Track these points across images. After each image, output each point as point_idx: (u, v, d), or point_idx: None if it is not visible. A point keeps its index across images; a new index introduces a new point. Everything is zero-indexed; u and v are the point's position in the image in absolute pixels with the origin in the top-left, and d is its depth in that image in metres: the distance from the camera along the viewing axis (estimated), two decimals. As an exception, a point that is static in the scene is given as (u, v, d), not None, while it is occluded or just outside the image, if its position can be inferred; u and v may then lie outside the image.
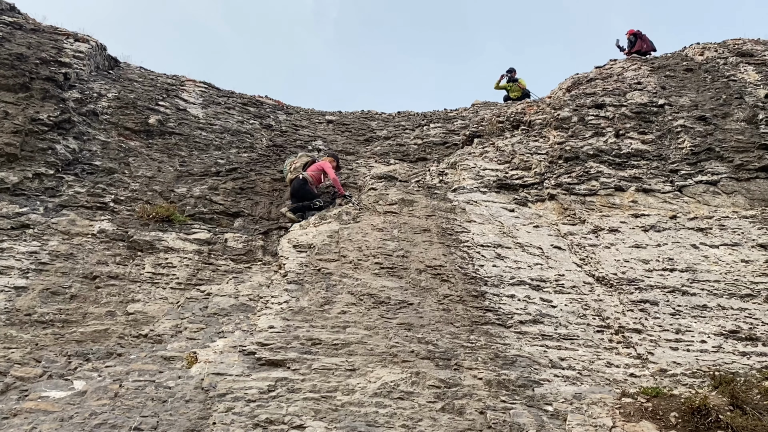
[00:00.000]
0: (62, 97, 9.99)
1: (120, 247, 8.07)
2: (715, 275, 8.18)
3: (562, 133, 10.80)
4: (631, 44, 16.73)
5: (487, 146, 10.76)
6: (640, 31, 16.80)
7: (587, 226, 9.01)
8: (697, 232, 8.98)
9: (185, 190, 9.59)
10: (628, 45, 16.83)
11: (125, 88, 11.51)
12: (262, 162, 10.76)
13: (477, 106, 14.73)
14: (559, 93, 12.62)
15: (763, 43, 14.09)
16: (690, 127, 10.67)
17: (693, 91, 11.86)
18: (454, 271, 7.63)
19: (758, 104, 11.20)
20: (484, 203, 9.29)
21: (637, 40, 16.59)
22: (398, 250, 7.89)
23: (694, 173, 9.94)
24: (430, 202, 9.15)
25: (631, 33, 16.90)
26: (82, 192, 8.83)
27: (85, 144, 9.67)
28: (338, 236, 8.16)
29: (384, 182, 9.90)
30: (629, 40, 16.85)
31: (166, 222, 8.73)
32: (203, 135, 11.04)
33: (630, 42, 16.80)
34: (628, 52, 16.46)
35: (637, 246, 8.63)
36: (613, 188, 9.71)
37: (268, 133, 11.89)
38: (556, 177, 9.94)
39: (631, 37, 16.86)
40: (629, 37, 16.90)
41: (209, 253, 8.43)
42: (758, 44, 14.02)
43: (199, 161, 10.32)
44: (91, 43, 11.78)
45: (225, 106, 12.34)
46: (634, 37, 16.73)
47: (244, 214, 9.51)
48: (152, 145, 10.35)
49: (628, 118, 11.05)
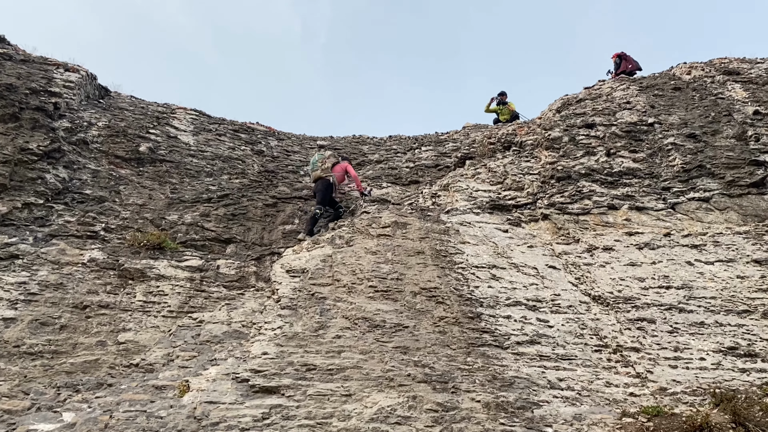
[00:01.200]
0: (52, 127, 9.96)
1: (111, 275, 7.97)
2: (712, 292, 8.14)
3: (553, 153, 10.81)
4: (617, 66, 16.88)
5: (479, 167, 10.76)
6: (624, 53, 16.96)
7: (582, 245, 8.97)
8: (692, 249, 8.95)
9: (176, 217, 9.51)
10: (614, 67, 16.97)
11: (116, 116, 11.49)
12: (253, 188, 10.71)
13: (468, 128, 14.78)
14: (549, 114, 12.67)
15: (749, 62, 14.25)
16: (680, 144, 10.72)
17: (682, 109, 11.93)
18: (449, 293, 7.56)
19: (747, 121, 11.28)
20: (478, 224, 9.25)
21: (622, 61, 16.74)
22: (392, 273, 7.82)
23: (686, 190, 9.95)
24: (424, 224, 9.10)
25: (616, 56, 17.07)
26: (72, 221, 8.75)
27: (75, 173, 9.61)
28: (331, 260, 8.08)
29: (377, 205, 9.86)
30: (615, 63, 16.99)
31: (158, 249, 8.64)
32: (194, 162, 11.00)
33: (616, 64, 16.95)
34: (615, 74, 16.58)
35: (632, 264, 8.59)
36: (606, 207, 9.70)
37: (259, 158, 11.86)
38: (548, 197, 9.93)
39: (616, 59, 17.01)
40: (614, 59, 17.05)
41: (201, 280, 8.34)
42: (744, 62, 14.18)
43: (190, 188, 10.26)
44: (81, 73, 11.78)
45: (216, 133, 12.32)
46: (619, 59, 16.89)
47: (236, 240, 9.43)
48: (143, 173, 10.29)
49: (618, 137, 11.09)
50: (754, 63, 14.12)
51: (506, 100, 17.01)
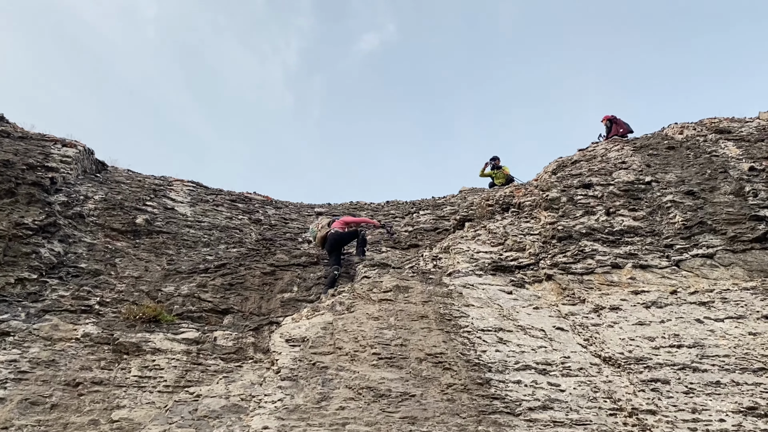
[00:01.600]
0: (48, 201, 9.90)
1: (105, 350, 7.70)
2: (725, 350, 7.90)
3: (552, 214, 10.76)
4: (608, 129, 16.99)
5: (478, 229, 10.68)
6: (614, 116, 17.08)
7: (588, 306, 8.78)
8: (700, 307, 8.77)
9: (173, 289, 9.32)
10: (605, 131, 17.09)
11: (112, 189, 11.46)
12: (251, 256, 10.57)
13: (464, 192, 14.81)
14: (545, 176, 12.72)
15: (738, 121, 14.48)
16: (679, 202, 10.69)
17: (677, 167, 11.99)
18: (456, 358, 7.30)
19: (743, 177, 11.32)
20: (481, 286, 9.07)
21: (613, 125, 16.84)
22: (396, 339, 7.58)
23: (689, 247, 9.85)
24: (426, 287, 8.92)
25: (606, 119, 17.19)
26: (66, 295, 8.56)
27: (70, 247, 9.47)
28: (332, 327, 7.86)
29: (377, 270, 9.70)
30: (606, 126, 17.10)
31: (154, 322, 8.41)
32: (191, 232, 10.89)
33: (606, 127, 17.07)
34: (606, 137, 16.66)
35: (641, 323, 8.38)
36: (610, 266, 9.56)
37: (257, 227, 11.78)
38: (551, 257, 9.80)
39: (606, 122, 17.13)
40: (605, 123, 17.16)
41: (198, 352, 8.06)
42: (734, 122, 14.40)
43: (187, 259, 10.11)
44: (78, 148, 11.84)
45: (213, 204, 12.28)
46: (610, 122, 17.00)
47: (233, 311, 9.21)
48: (139, 245, 10.16)
49: (616, 196, 11.08)
50: (743, 122, 14.34)
51: (500, 165, 17.15)
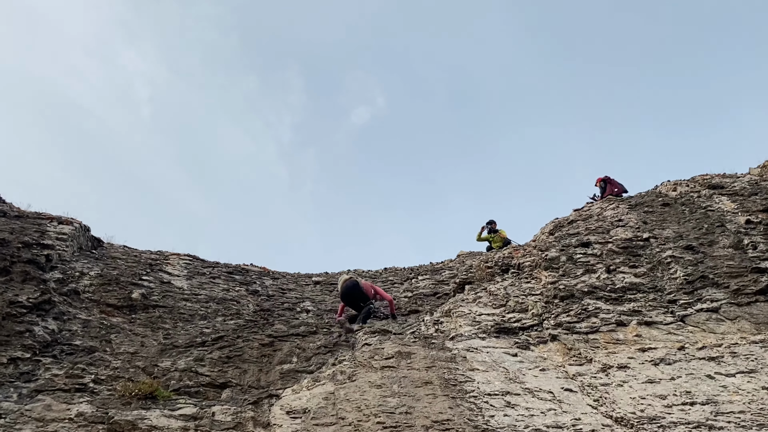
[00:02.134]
0: (43, 278, 9.81)
1: (99, 430, 7.43)
2: (739, 406, 7.67)
3: (553, 273, 10.68)
4: (602, 190, 17.01)
5: (479, 291, 10.56)
6: (608, 177, 17.13)
7: (595, 365, 8.57)
8: (710, 362, 8.57)
9: (170, 364, 9.09)
10: (600, 191, 17.11)
11: (108, 265, 11.38)
12: (249, 328, 10.37)
13: (463, 256, 14.77)
14: (543, 236, 12.71)
15: (730, 176, 14.67)
16: (679, 256, 10.65)
17: (674, 223, 12.02)
18: (464, 425, 7.05)
19: (741, 230, 11.34)
20: (485, 349, 8.88)
21: (607, 185, 16.85)
22: (401, 407, 7.34)
23: (693, 302, 9.74)
24: (429, 352, 8.72)
25: (600, 180, 17.23)
26: (60, 374, 8.33)
27: (65, 324, 9.31)
28: (334, 397, 7.62)
29: (378, 336, 9.51)
30: (600, 187, 17.13)
31: (150, 399, 8.15)
32: (188, 305, 10.74)
33: (601, 188, 17.08)
34: (601, 198, 16.66)
35: (651, 381, 8.17)
36: (615, 324, 9.41)
37: (254, 298, 11.63)
38: (554, 317, 9.65)
39: (601, 183, 17.15)
40: (599, 184, 17.20)
41: (196, 429, 7.77)
42: (725, 177, 14.58)
43: (183, 332, 9.92)
44: (74, 225, 11.84)
45: (210, 276, 12.18)
46: (604, 183, 17.00)
47: (232, 384, 8.94)
48: (135, 320, 9.99)
49: (616, 254, 11.03)
50: (735, 177, 14.52)
51: (496, 228, 17.15)
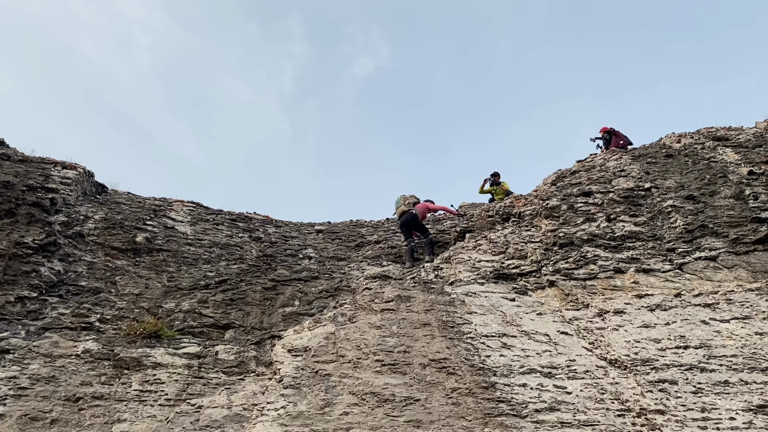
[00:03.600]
0: (48, 221, 9.90)
1: (105, 366, 7.64)
2: (732, 350, 7.82)
3: (553, 221, 10.74)
4: (606, 142, 16.79)
5: (479, 239, 10.65)
6: (613, 128, 16.91)
7: (592, 310, 8.71)
8: (705, 308, 8.69)
9: (174, 305, 9.26)
10: (603, 143, 16.94)
11: (112, 210, 11.46)
12: (252, 272, 10.52)
13: (464, 207, 14.80)
14: (545, 187, 12.72)
15: (735, 129, 14.53)
16: (680, 206, 10.68)
17: (677, 174, 12.01)
18: (460, 363, 7.22)
19: (743, 181, 11.32)
20: (484, 294, 9.01)
21: (612, 137, 16.65)
22: (399, 346, 7.50)
23: (691, 250, 9.81)
24: (428, 296, 8.86)
25: (604, 131, 16.97)
26: (67, 313, 8.50)
27: (70, 265, 9.44)
28: (335, 337, 7.78)
29: (378, 281, 9.64)
30: (604, 138, 16.89)
31: (154, 338, 8.34)
32: (192, 250, 10.86)
33: (605, 140, 16.87)
34: (605, 149, 16.51)
35: (646, 326, 8.31)
36: (613, 271, 9.51)
37: (257, 245, 11.74)
38: (553, 264, 9.75)
39: (605, 135, 16.93)
40: (603, 134, 16.98)
41: (200, 366, 7.98)
42: (731, 130, 14.45)
43: (187, 275, 10.07)
44: (78, 170, 11.86)
45: (213, 223, 12.27)
46: (609, 135, 16.80)
47: (235, 326, 9.13)
48: (139, 263, 10.12)
49: (617, 203, 11.06)
50: (740, 130, 14.39)
51: (500, 181, 17.11)
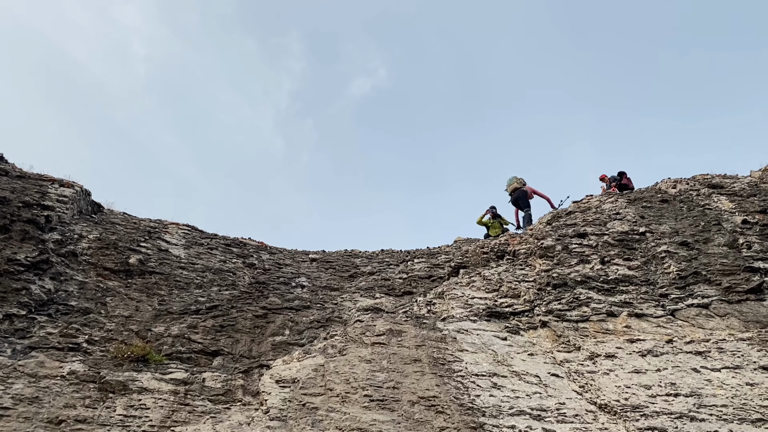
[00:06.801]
0: (42, 239, 9.86)
1: (90, 389, 7.54)
2: (722, 399, 7.78)
3: (547, 261, 10.76)
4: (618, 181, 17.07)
5: (473, 276, 10.64)
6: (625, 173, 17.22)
7: (583, 353, 8.67)
8: (696, 356, 8.67)
9: (163, 329, 9.19)
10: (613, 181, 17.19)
11: (107, 230, 11.44)
12: (243, 299, 10.47)
13: (460, 242, 14.83)
14: (540, 226, 12.78)
15: (730, 177, 14.71)
16: (674, 252, 10.72)
17: (671, 219, 12.08)
18: (449, 402, 7.15)
19: (737, 230, 11.40)
20: (475, 332, 8.97)
21: (623, 177, 16.99)
22: (388, 382, 7.44)
23: (684, 297, 9.83)
24: (420, 332, 8.82)
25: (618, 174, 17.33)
26: (54, 333, 8.42)
27: (61, 284, 9.39)
28: (324, 369, 7.72)
29: (370, 314, 9.60)
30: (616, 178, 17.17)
31: (142, 362, 8.26)
32: (184, 274, 10.82)
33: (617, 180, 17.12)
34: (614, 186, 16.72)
35: (637, 371, 8.27)
36: (605, 314, 9.50)
37: (250, 271, 11.71)
38: (546, 304, 9.74)
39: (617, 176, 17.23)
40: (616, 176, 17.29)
41: (186, 393, 7.88)
42: (726, 178, 14.62)
43: (178, 300, 10.01)
44: (75, 188, 11.87)
45: (208, 247, 12.25)
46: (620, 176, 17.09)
47: (223, 353, 9.05)
48: (131, 285, 10.07)
49: (611, 246, 11.11)
50: (735, 178, 14.57)
51: (498, 214, 17.16)
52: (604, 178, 17.71)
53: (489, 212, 17.02)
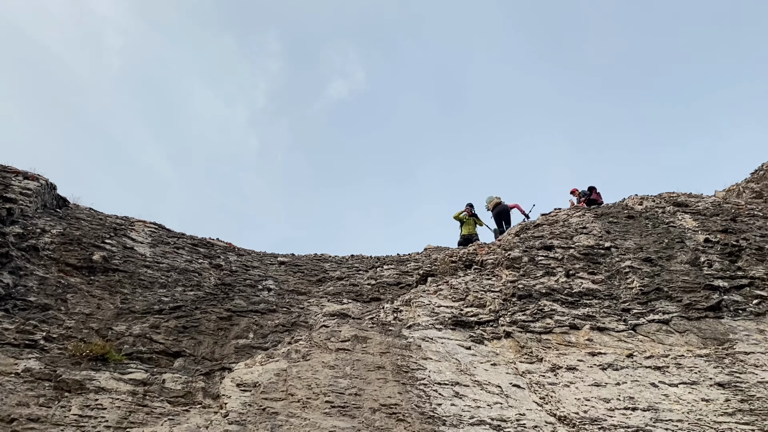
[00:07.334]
0: (2, 232, 9.64)
1: (46, 387, 7.37)
2: (678, 414, 7.93)
3: (514, 272, 10.86)
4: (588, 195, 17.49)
5: (441, 284, 10.69)
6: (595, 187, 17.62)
7: (545, 365, 8.76)
8: (655, 371, 8.83)
9: (124, 328, 9.04)
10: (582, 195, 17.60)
11: (71, 225, 11.22)
12: (208, 300, 10.35)
13: (429, 250, 14.87)
14: (508, 237, 12.90)
15: (695, 196, 15.05)
16: (637, 268, 10.91)
17: (636, 235, 12.29)
18: (411, 410, 7.16)
19: (699, 248, 11.65)
20: (440, 340, 9.00)
21: (593, 192, 17.41)
22: (351, 388, 7.42)
23: (645, 312, 9.99)
24: (385, 338, 8.82)
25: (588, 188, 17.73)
26: (11, 329, 8.22)
27: (20, 279, 9.17)
28: (286, 374, 7.67)
29: (336, 319, 9.57)
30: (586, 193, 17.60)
31: (101, 361, 8.11)
32: (149, 273, 10.65)
33: (587, 194, 17.55)
34: (584, 200, 17.09)
35: (597, 384, 8.38)
36: (568, 326, 9.62)
37: (217, 272, 11.58)
38: (510, 314, 9.83)
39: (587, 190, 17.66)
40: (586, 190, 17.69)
41: (144, 394, 7.76)
42: (691, 197, 14.95)
43: (142, 299, 9.85)
44: (40, 181, 11.63)
45: (174, 246, 12.09)
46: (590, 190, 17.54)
47: (185, 354, 8.93)
48: (94, 282, 9.89)
49: (577, 259, 11.26)
50: (700, 198, 14.91)
51: (475, 213, 17.33)
52: (575, 191, 18.11)
53: (467, 209, 17.15)
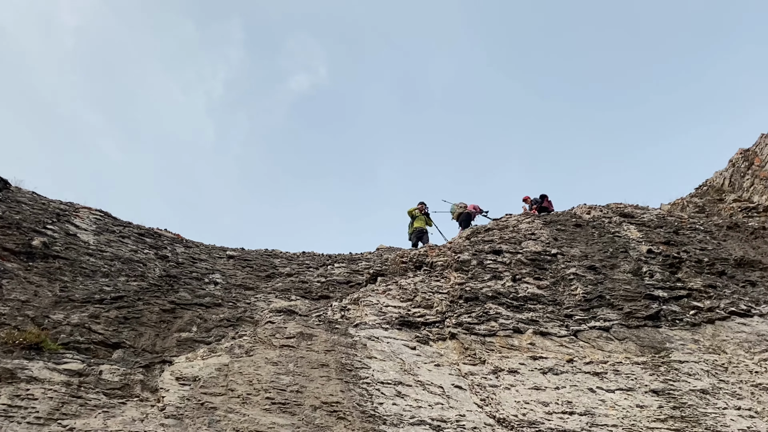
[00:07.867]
0: (-65, 212, 9.23)
1: (-27, 375, 7.08)
2: (613, 419, 8.13)
3: (462, 275, 10.98)
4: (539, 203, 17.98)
5: (390, 284, 10.72)
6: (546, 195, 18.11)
7: (488, 367, 8.88)
8: (594, 377, 9.04)
9: (62, 317, 8.75)
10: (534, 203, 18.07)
11: (11, 208, 10.82)
12: (152, 291, 10.12)
13: (381, 250, 14.91)
14: (459, 240, 13.03)
15: (642, 208, 15.50)
16: (582, 275, 11.16)
17: (583, 243, 12.57)
18: (352, 409, 7.15)
19: (641, 258, 12.00)
20: (386, 339, 9.02)
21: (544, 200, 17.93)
22: (293, 385, 7.36)
23: (587, 319, 10.23)
24: (331, 336, 8.78)
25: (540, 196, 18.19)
26: (-61, 314, 7.88)
27: (-48, 262, 8.80)
28: (228, 369, 7.56)
29: (283, 316, 9.48)
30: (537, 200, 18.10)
31: (35, 350, 7.82)
32: (91, 261, 10.36)
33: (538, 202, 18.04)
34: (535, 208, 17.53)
35: (537, 388, 8.53)
36: (512, 330, 9.77)
37: (162, 263, 11.34)
38: (456, 316, 9.92)
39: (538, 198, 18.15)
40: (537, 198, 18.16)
41: (80, 385, 7.52)
42: (637, 209, 15.39)
43: (82, 287, 9.57)
44: (-20, 162, 11.18)
45: (119, 235, 11.79)
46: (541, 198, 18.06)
47: (125, 345, 8.71)
48: (32, 268, 9.55)
49: (524, 264, 11.45)
50: (646, 209, 15.36)
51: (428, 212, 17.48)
52: (527, 199, 18.50)
53: (420, 206, 17.29)
